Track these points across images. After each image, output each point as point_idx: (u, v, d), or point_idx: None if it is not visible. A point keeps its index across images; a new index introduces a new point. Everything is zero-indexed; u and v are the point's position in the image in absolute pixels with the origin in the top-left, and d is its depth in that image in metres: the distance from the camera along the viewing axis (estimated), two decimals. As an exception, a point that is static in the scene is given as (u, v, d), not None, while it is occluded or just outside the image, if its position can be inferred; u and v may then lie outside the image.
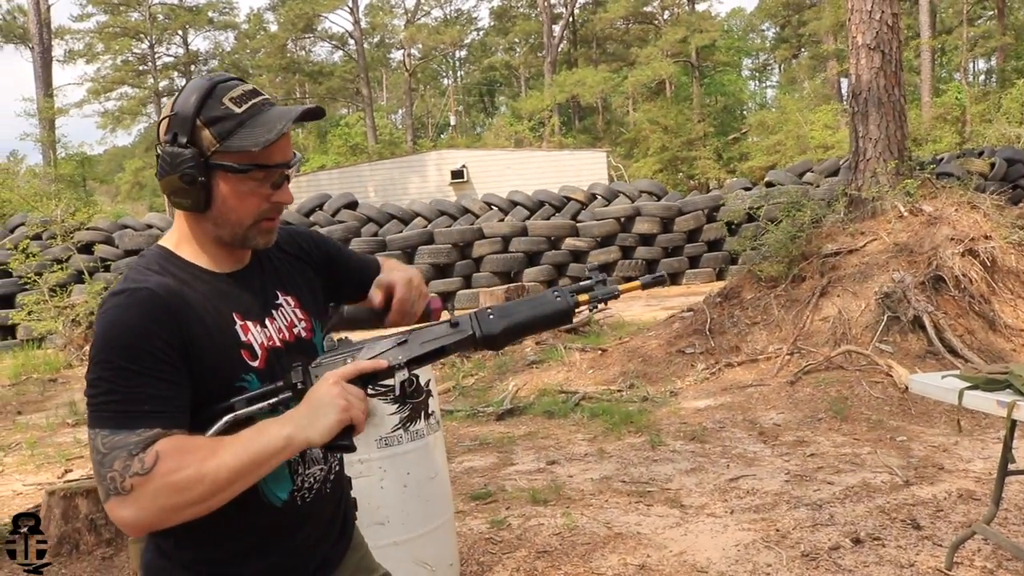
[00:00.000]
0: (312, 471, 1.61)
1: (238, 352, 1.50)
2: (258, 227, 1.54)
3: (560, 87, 37.63)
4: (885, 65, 8.19)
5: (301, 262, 1.74)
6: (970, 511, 4.27)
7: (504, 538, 4.31)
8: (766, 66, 54.24)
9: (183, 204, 1.50)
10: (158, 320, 1.39)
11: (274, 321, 1.59)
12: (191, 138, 1.45)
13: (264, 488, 1.51)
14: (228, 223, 1.51)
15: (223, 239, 1.54)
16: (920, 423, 5.87)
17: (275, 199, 1.54)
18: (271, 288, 1.64)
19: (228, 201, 1.49)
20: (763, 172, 27.03)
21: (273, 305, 1.62)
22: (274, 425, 1.37)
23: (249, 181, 1.48)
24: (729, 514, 4.45)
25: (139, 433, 1.33)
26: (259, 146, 1.44)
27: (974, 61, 45.50)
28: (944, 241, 7.24)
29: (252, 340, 1.52)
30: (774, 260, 8.17)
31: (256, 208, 1.51)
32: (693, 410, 6.66)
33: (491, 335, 1.58)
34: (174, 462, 1.30)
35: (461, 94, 55.29)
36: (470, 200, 18.57)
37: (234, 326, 1.51)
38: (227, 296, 1.54)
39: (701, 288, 14.51)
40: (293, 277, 1.70)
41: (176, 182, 1.46)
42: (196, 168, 1.45)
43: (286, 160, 1.53)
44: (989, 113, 30.00)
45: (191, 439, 1.37)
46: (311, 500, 1.60)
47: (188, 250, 1.55)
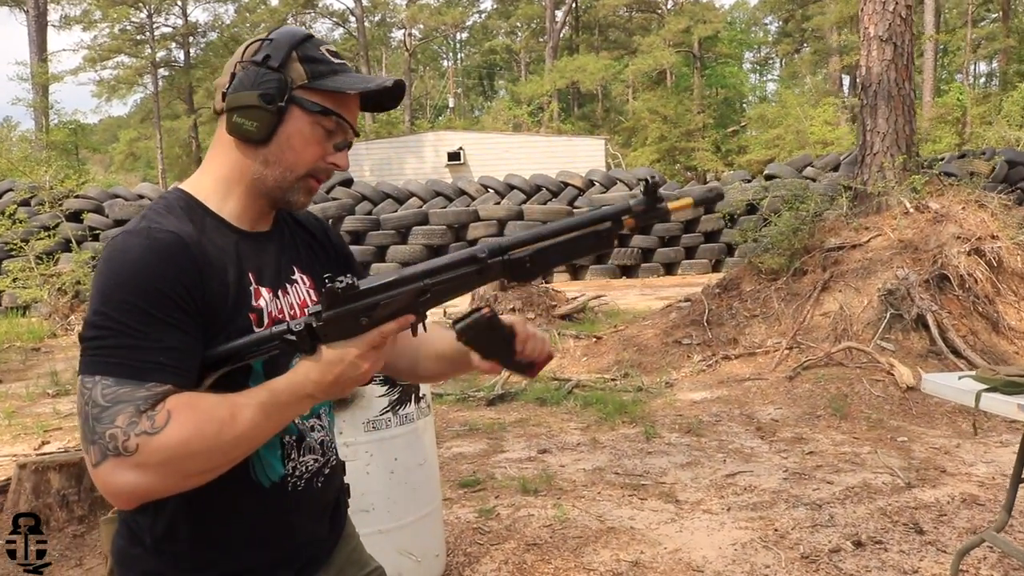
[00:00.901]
0: (306, 459, 1.47)
1: (247, 315, 1.37)
2: (305, 182, 1.43)
3: (560, 73, 37.38)
4: (897, 58, 8.02)
5: (324, 252, 1.62)
6: (974, 517, 4.14)
7: (493, 528, 4.16)
8: (768, 60, 54.01)
9: (246, 127, 1.37)
10: (182, 267, 1.26)
11: (287, 295, 1.46)
12: (282, 65, 1.36)
13: (252, 461, 1.37)
14: (281, 164, 1.39)
15: (265, 182, 1.41)
16: (921, 424, 5.74)
17: (332, 160, 1.44)
18: (288, 261, 1.51)
19: (292, 140, 1.38)
20: (761, 166, 26.89)
21: (288, 279, 1.49)
22: (294, 389, 1.25)
23: (320, 128, 1.40)
24: (726, 511, 4.31)
25: (149, 387, 1.18)
26: (356, 89, 1.38)
27: (975, 63, 45.40)
28: (950, 239, 7.09)
29: (263, 306, 1.39)
30: (775, 252, 8.01)
31: (314, 158, 1.41)
32: (689, 402, 6.52)
33: (520, 260, 1.36)
34: (189, 424, 1.17)
35: (461, 76, 54.96)
36: (466, 182, 18.38)
37: (248, 287, 1.39)
38: (245, 255, 1.41)
39: (697, 279, 14.38)
40: (311, 257, 1.58)
41: (252, 98, 1.35)
42: (279, 91, 1.35)
43: (355, 124, 1.45)
44: (989, 115, 29.92)
45: (204, 398, 1.23)
46: (301, 490, 1.46)
47: (213, 197, 1.42)
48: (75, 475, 4.08)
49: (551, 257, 1.40)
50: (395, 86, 1.42)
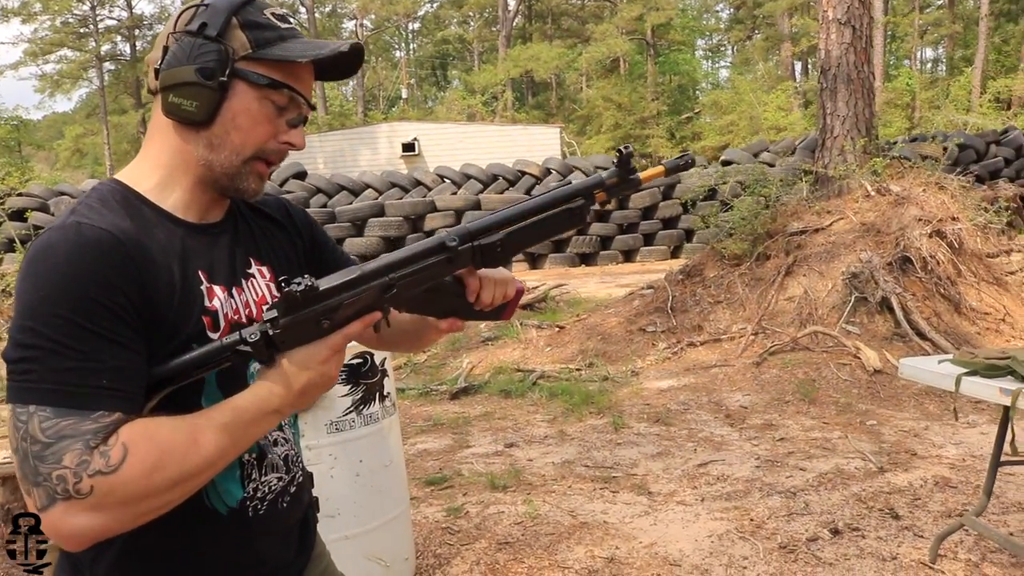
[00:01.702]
0: (268, 479, 1.31)
1: (199, 319, 1.20)
2: (254, 166, 1.26)
3: (514, 62, 37.22)
4: (855, 41, 8.00)
5: (286, 234, 1.45)
6: (948, 500, 4.10)
7: (462, 528, 4.03)
8: (720, 47, 54.31)
9: (184, 107, 1.19)
10: (118, 269, 1.08)
11: (242, 292, 1.29)
12: (221, 33, 1.19)
13: (208, 491, 1.22)
14: (227, 147, 1.22)
15: (211, 168, 1.23)
16: (889, 407, 5.71)
17: (285, 139, 1.27)
18: (243, 253, 1.34)
19: (238, 119, 1.21)
20: (715, 152, 27.03)
21: (244, 274, 1.32)
22: (258, 403, 1.13)
23: (269, 104, 1.23)
24: (700, 502, 4.22)
25: (96, 418, 1.02)
26: (306, 57, 1.21)
27: (922, 49, 46.10)
28: (912, 222, 7.09)
29: (217, 308, 1.23)
30: (738, 237, 7.96)
31: (263, 138, 1.24)
32: (656, 391, 6.43)
33: (490, 244, 1.28)
34: (149, 458, 1.02)
35: (414, 67, 54.47)
36: (422, 172, 18.16)
37: (199, 286, 1.22)
38: (193, 251, 1.23)
39: (656, 266, 14.36)
40: (271, 247, 1.41)
41: (188, 74, 1.18)
42: (219, 64, 1.18)
43: (309, 97, 1.28)
44: (937, 100, 30.39)
45: (162, 425, 1.07)
46: (263, 513, 1.30)
47: (152, 186, 1.24)
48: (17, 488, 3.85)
49: (523, 239, 1.31)
50: (352, 50, 1.25)
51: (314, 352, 1.15)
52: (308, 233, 1.50)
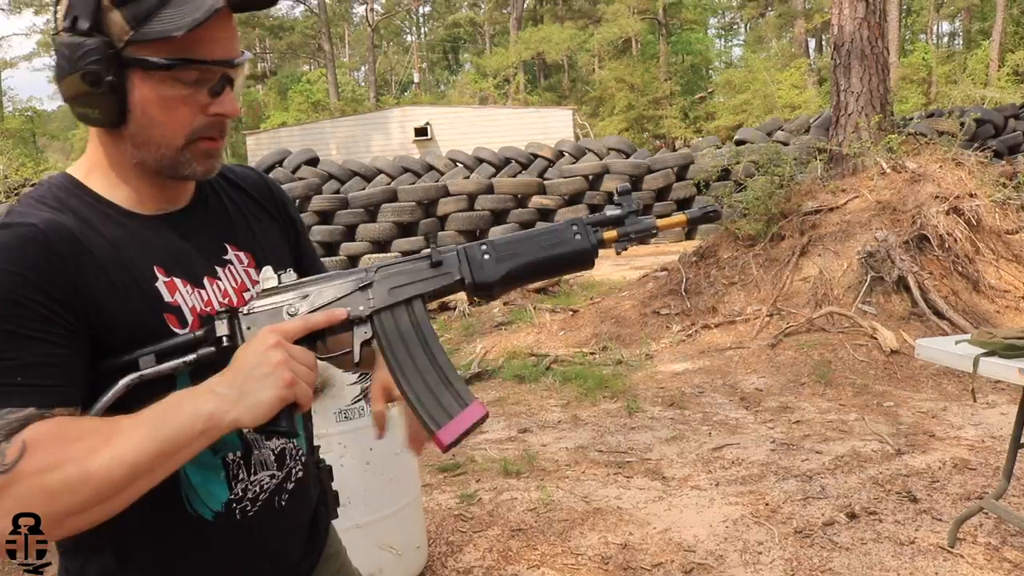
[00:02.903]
0: (259, 478, 1.23)
1: (160, 317, 1.12)
2: (195, 148, 1.14)
3: (525, 44, 37.04)
4: (869, 15, 7.87)
5: (268, 214, 1.36)
6: (967, 482, 4.05)
7: (475, 514, 4.01)
8: (732, 25, 53.88)
9: (90, 116, 1.11)
10: (40, 266, 1.03)
11: (216, 281, 1.21)
12: (96, 23, 1.06)
13: (190, 496, 1.16)
14: (152, 143, 1.12)
15: (147, 165, 1.14)
16: (907, 388, 5.65)
17: (214, 110, 1.13)
18: (218, 239, 1.25)
19: (150, 112, 1.10)
20: (729, 131, 26.83)
21: (219, 260, 1.24)
22: (190, 399, 1.02)
23: (177, 84, 1.09)
24: (714, 486, 4.18)
25: (2, 414, 0.97)
26: (184, 28, 1.04)
27: (938, 23, 45.52)
28: (928, 199, 6.99)
29: (180, 302, 1.15)
30: (752, 218, 7.88)
31: (188, 122, 1.12)
32: (670, 374, 6.39)
33: (486, 283, 1.18)
34: (48, 455, 0.95)
35: (425, 51, 54.33)
36: (435, 157, 18.12)
37: (154, 283, 1.13)
38: (148, 244, 1.15)
39: (670, 247, 14.26)
40: (251, 228, 1.31)
41: (77, 84, 1.07)
42: (103, 63, 1.06)
43: (229, 57, 1.13)
44: (955, 74, 30.05)
45: (75, 422, 1.01)
46: (255, 513, 1.22)
47: (101, 181, 1.16)
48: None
49: (521, 278, 1.21)
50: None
51: (263, 338, 1.07)
52: (288, 213, 1.42)
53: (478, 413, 1.13)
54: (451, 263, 1.18)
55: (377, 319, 1.16)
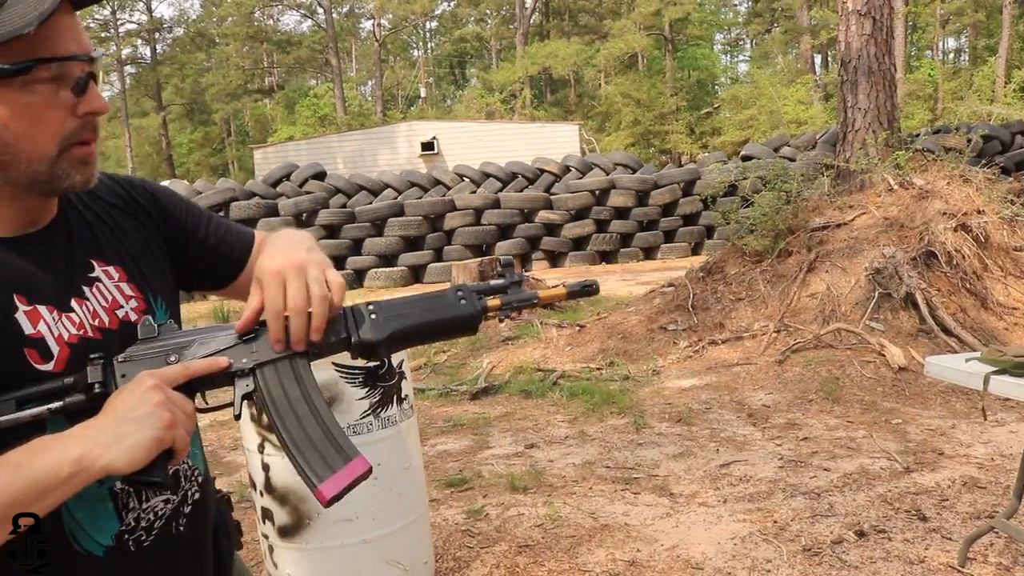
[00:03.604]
0: (153, 504, 1.15)
1: (19, 352, 1.03)
2: (70, 157, 1.05)
3: (532, 59, 37.17)
4: (876, 32, 7.90)
5: (133, 219, 1.25)
6: (976, 501, 4.02)
7: (482, 530, 4.00)
8: (739, 41, 53.98)
9: None
10: None
11: (85, 302, 1.12)
12: None
13: (75, 531, 1.07)
14: (21, 159, 1.02)
15: (18, 185, 1.05)
16: (915, 405, 5.63)
17: (84, 109, 1.04)
18: (81, 256, 1.15)
19: (12, 125, 1.00)
20: (735, 147, 26.86)
21: (84, 279, 1.14)
22: (57, 443, 0.95)
23: (37, 87, 1.00)
24: (722, 503, 4.17)
25: None
26: (34, 23, 0.94)
27: (944, 39, 45.59)
28: (936, 216, 6.98)
29: (44, 333, 1.05)
30: (759, 234, 7.88)
31: (58, 128, 1.03)
32: (677, 390, 6.38)
33: (370, 343, 1.17)
34: None
35: (432, 65, 54.52)
36: (441, 171, 18.16)
37: (14, 313, 1.03)
38: (5, 271, 1.05)
39: (677, 263, 14.28)
40: (118, 239, 1.21)
41: None
42: None
43: (85, 51, 1.04)
44: (961, 90, 30.06)
45: None
46: (151, 543, 1.15)
47: None
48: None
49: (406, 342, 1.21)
50: None
51: (141, 380, 1.01)
52: (157, 210, 1.29)
53: (361, 468, 1.11)
54: (336, 321, 1.16)
55: (260, 372, 1.13)
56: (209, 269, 1.36)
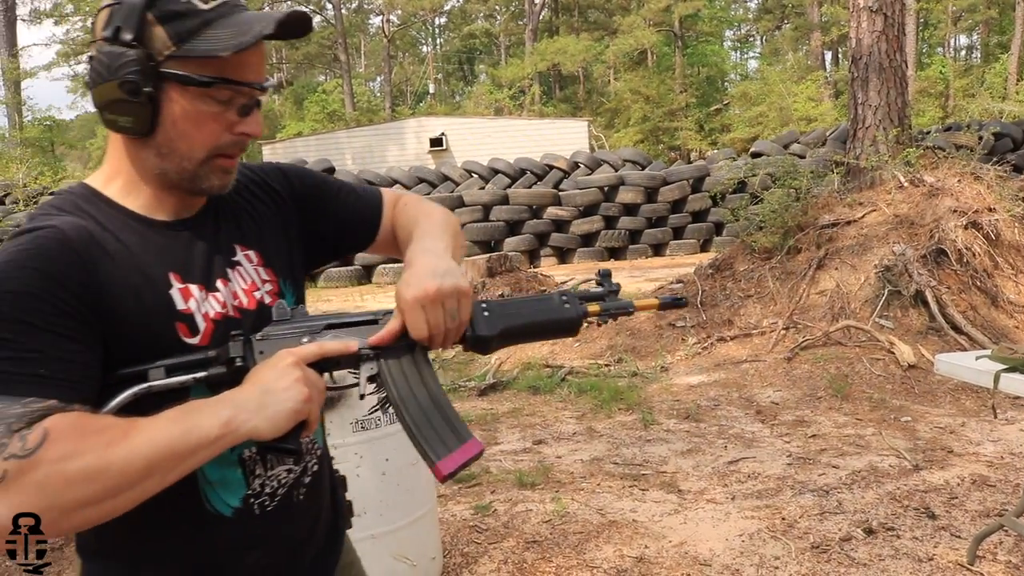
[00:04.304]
0: (277, 472, 1.26)
1: (171, 325, 1.15)
2: (213, 164, 1.18)
3: (541, 55, 37.11)
4: (887, 29, 7.86)
5: (269, 206, 1.37)
6: (986, 499, 4.01)
7: (490, 526, 4.00)
8: (748, 37, 53.80)
9: (121, 123, 1.14)
10: (64, 266, 1.06)
11: (228, 284, 1.24)
12: (139, 35, 1.10)
13: (208, 493, 1.18)
14: (176, 154, 1.15)
15: (168, 176, 1.18)
16: (924, 402, 5.61)
17: (240, 129, 1.18)
18: (227, 241, 1.28)
19: (180, 124, 1.14)
20: (745, 144, 26.80)
21: (228, 263, 1.26)
22: (209, 406, 1.05)
23: (211, 100, 1.14)
24: (730, 500, 4.16)
25: (26, 403, 0.99)
26: (229, 50, 1.09)
27: (956, 36, 45.37)
28: (946, 213, 6.96)
29: (193, 310, 1.17)
30: (768, 231, 7.86)
31: (214, 138, 1.16)
32: (686, 386, 6.37)
33: (484, 338, 1.26)
34: (68, 445, 0.97)
35: (440, 62, 54.52)
36: (450, 167, 18.17)
37: (168, 290, 1.16)
38: (163, 251, 1.18)
39: (685, 260, 14.26)
40: (257, 226, 1.34)
41: (114, 91, 1.11)
42: (142, 74, 1.10)
43: (259, 80, 1.18)
44: (972, 88, 29.91)
45: (94, 417, 1.04)
46: (273, 509, 1.25)
47: (119, 189, 1.20)
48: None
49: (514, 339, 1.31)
50: (289, 20, 1.13)
51: (282, 356, 1.11)
52: (291, 192, 1.41)
53: (474, 449, 1.20)
54: None
55: (382, 358, 1.22)
56: (349, 234, 1.47)
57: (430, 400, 1.21)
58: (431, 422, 1.20)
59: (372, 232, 1.47)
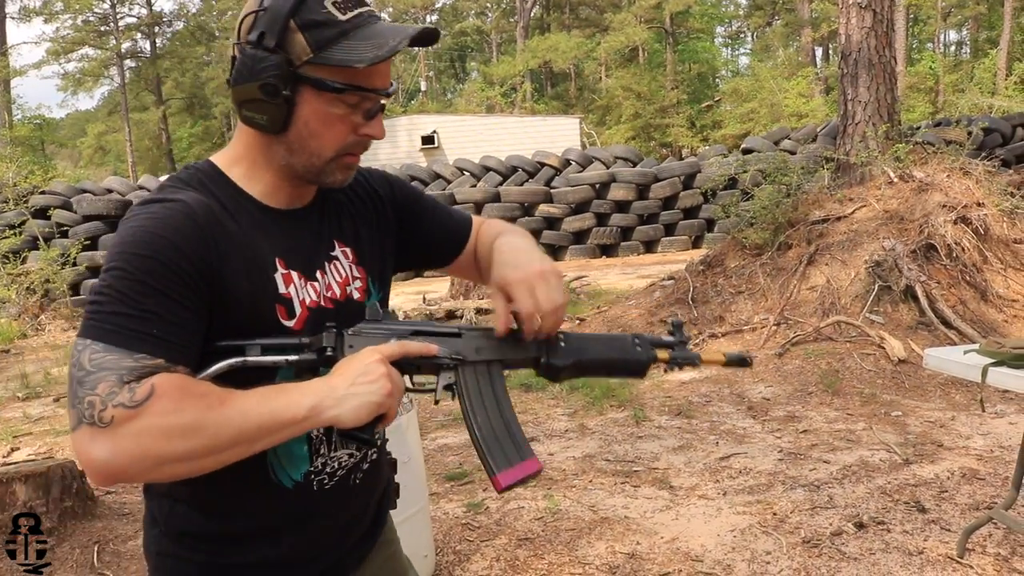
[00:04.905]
0: (339, 455, 1.34)
1: (272, 306, 1.24)
2: (339, 162, 1.28)
3: (532, 53, 37.08)
4: (876, 25, 7.88)
5: (369, 208, 1.46)
6: (975, 492, 4.03)
7: (482, 523, 4.01)
8: (739, 33, 53.85)
9: (256, 120, 1.23)
10: (190, 238, 1.15)
11: (325, 275, 1.33)
12: (281, 41, 1.19)
13: (274, 464, 1.27)
14: (306, 151, 1.25)
15: (294, 169, 1.28)
16: (915, 397, 5.64)
17: (365, 131, 1.27)
18: (328, 235, 1.37)
19: (311, 125, 1.23)
20: (736, 140, 26.81)
21: (328, 256, 1.35)
22: (299, 390, 1.15)
23: (341, 104, 1.23)
24: (722, 496, 4.18)
25: (138, 358, 1.08)
26: (365, 63, 1.18)
27: (945, 32, 45.50)
28: (936, 208, 6.98)
29: (292, 295, 1.26)
30: (759, 227, 7.88)
31: (342, 139, 1.25)
32: (677, 383, 6.39)
33: (557, 367, 1.32)
34: (171, 402, 1.07)
35: (432, 59, 54.42)
36: (442, 165, 18.14)
37: (274, 273, 1.25)
38: (273, 236, 1.27)
39: (677, 256, 14.29)
40: (355, 225, 1.43)
41: (253, 91, 1.20)
42: (281, 77, 1.19)
43: (385, 87, 1.26)
44: (962, 83, 29.98)
45: (196, 381, 1.13)
46: (331, 487, 1.33)
47: (241, 172, 1.29)
48: (42, 486, 3.88)
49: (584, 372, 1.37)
50: (420, 36, 1.23)
51: (368, 353, 1.19)
52: (392, 198, 1.50)
53: (533, 467, 1.27)
54: (532, 342, 1.31)
55: (461, 369, 1.29)
56: (436, 249, 1.56)
57: (499, 415, 1.28)
58: (497, 436, 1.27)
59: (457, 250, 1.56)
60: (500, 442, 1.27)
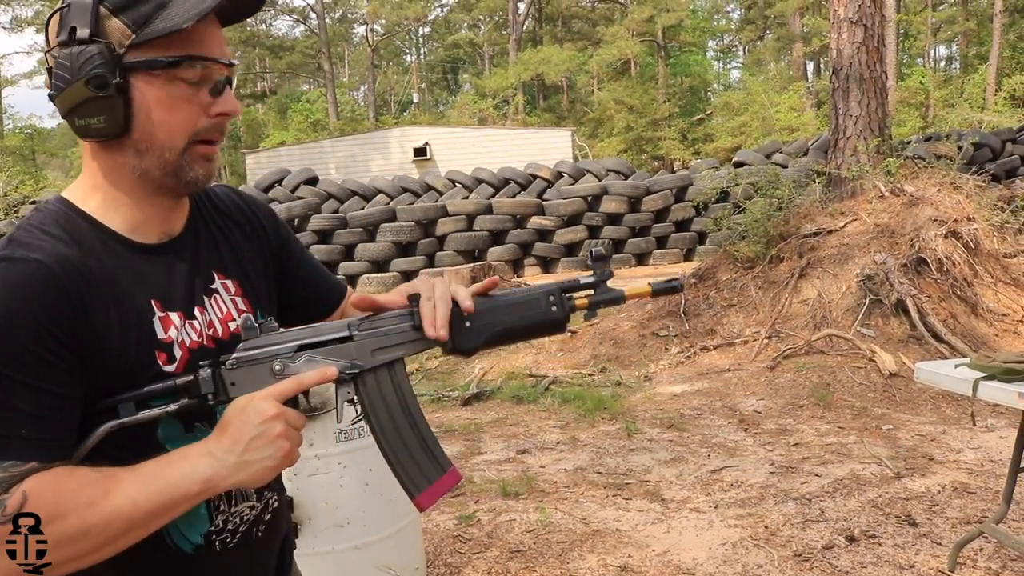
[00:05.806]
0: (240, 509, 1.23)
1: (151, 354, 1.12)
2: (194, 152, 1.13)
3: (525, 65, 37.16)
4: (867, 40, 7.94)
5: (251, 239, 1.34)
6: (966, 506, 4.04)
7: (474, 536, 3.99)
8: (731, 47, 54.14)
9: (94, 126, 1.09)
10: (50, 308, 1.01)
11: (205, 312, 1.21)
12: (96, 31, 1.06)
13: (170, 528, 1.15)
14: (156, 147, 1.11)
15: (150, 176, 1.12)
16: (906, 411, 5.65)
17: (217, 110, 1.14)
18: (206, 267, 1.24)
19: (154, 115, 1.09)
20: (728, 153, 26.91)
21: (206, 289, 1.23)
22: (188, 460, 1.05)
23: (181, 83, 1.10)
24: (713, 509, 4.17)
25: (5, 467, 0.98)
26: (191, 19, 1.05)
27: (935, 47, 45.83)
28: (926, 222, 7.02)
29: (173, 338, 1.14)
30: (751, 240, 7.90)
31: (192, 122, 1.12)
32: (669, 396, 6.39)
33: (466, 349, 1.23)
34: (49, 508, 0.97)
35: (424, 71, 54.55)
36: (434, 177, 18.14)
37: (151, 318, 1.13)
38: (145, 277, 1.14)
39: (669, 269, 14.30)
40: (237, 255, 1.30)
41: (81, 91, 1.06)
42: (107, 67, 1.06)
43: (225, 56, 1.14)
44: (952, 98, 30.19)
45: (74, 474, 1.02)
46: (234, 546, 1.22)
47: (97, 204, 1.14)
48: None
49: (497, 344, 1.27)
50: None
51: (262, 408, 1.08)
52: (276, 234, 1.39)
53: (453, 480, 1.21)
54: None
55: (360, 380, 1.19)
56: (309, 300, 1.45)
57: (409, 425, 1.20)
58: (411, 450, 1.19)
59: (335, 304, 1.48)
60: (414, 457, 1.19)
